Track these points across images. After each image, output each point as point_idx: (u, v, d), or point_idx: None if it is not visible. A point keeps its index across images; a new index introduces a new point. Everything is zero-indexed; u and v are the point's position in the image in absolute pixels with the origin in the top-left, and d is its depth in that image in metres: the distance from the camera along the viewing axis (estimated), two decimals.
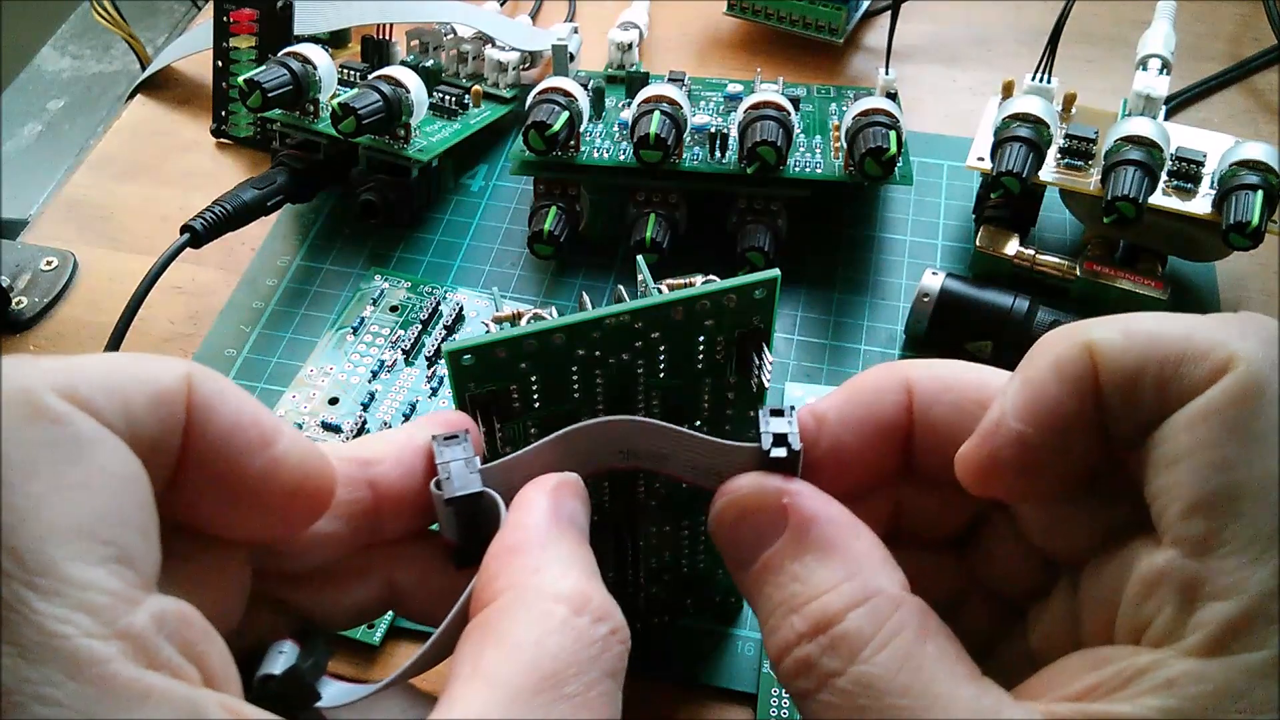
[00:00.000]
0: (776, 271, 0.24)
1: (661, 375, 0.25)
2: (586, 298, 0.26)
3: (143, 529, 0.17)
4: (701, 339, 0.25)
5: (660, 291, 0.25)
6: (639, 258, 0.27)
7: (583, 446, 0.23)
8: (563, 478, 0.23)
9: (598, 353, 0.24)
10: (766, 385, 0.26)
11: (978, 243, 0.43)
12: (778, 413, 0.23)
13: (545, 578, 0.20)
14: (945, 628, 0.20)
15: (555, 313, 0.25)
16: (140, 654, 0.16)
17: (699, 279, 0.25)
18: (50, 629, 0.15)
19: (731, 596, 0.34)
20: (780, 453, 0.22)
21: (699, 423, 0.27)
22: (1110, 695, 0.18)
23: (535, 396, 0.25)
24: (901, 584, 0.20)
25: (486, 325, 0.25)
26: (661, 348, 0.25)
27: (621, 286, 0.26)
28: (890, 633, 0.19)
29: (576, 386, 0.25)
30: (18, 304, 0.44)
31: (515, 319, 0.24)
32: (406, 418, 0.39)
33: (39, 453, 0.16)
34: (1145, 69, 0.45)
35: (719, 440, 0.23)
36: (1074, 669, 0.19)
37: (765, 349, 0.25)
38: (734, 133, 0.43)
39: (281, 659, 0.21)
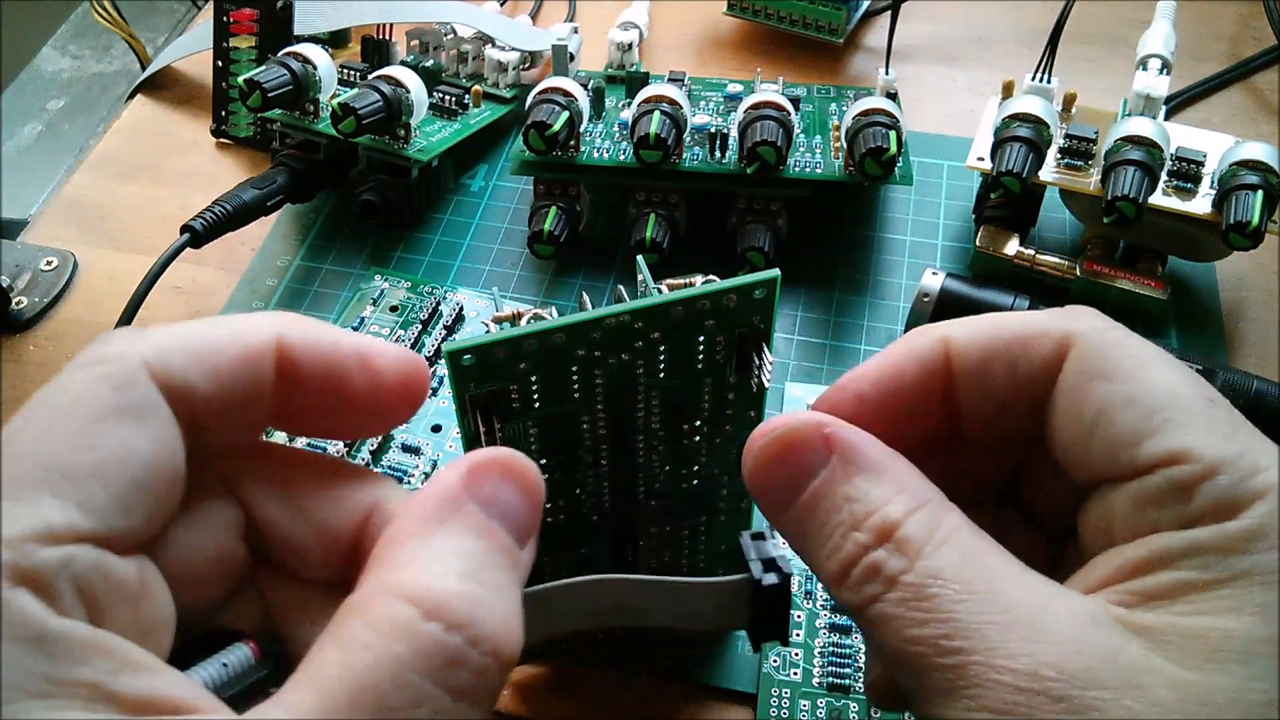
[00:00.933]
0: (776, 271, 0.24)
1: (661, 375, 0.25)
2: (586, 298, 0.26)
3: (124, 497, 0.18)
4: (701, 339, 0.25)
5: (660, 291, 0.25)
6: (639, 258, 0.27)
7: (558, 605, 0.22)
8: (493, 455, 0.20)
9: (597, 353, 0.24)
10: (766, 385, 0.26)
11: (978, 243, 0.43)
12: (759, 536, 0.23)
13: (407, 573, 0.18)
14: (992, 539, 0.21)
15: (555, 313, 0.25)
16: (27, 578, 0.17)
17: (699, 279, 0.25)
18: None
19: None
20: (772, 579, 0.22)
21: (698, 422, 0.27)
22: (1137, 575, 0.20)
23: (535, 396, 0.25)
24: (939, 494, 0.22)
25: (486, 325, 0.25)
26: (661, 348, 0.25)
27: (621, 287, 0.26)
28: (948, 530, 0.20)
29: (576, 386, 0.25)
30: (18, 304, 0.44)
31: (515, 319, 0.24)
32: None
33: (84, 405, 0.19)
34: (1145, 69, 0.45)
35: (707, 580, 0.23)
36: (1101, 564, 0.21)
37: (765, 349, 0.25)
38: (734, 133, 0.43)
39: (226, 664, 0.20)
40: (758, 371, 0.26)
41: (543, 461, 0.26)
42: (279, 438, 0.34)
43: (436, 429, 0.39)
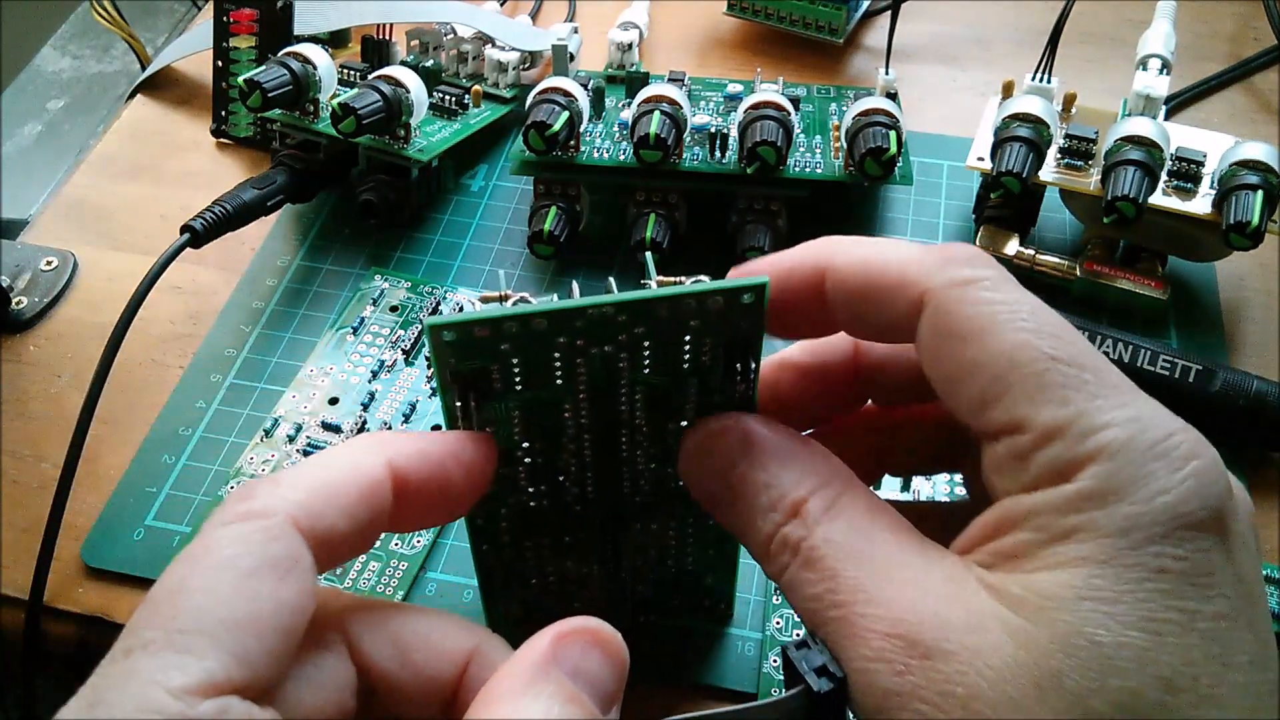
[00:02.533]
0: (765, 278, 0.24)
1: (646, 371, 0.25)
2: (576, 286, 0.26)
3: (271, 648, 0.20)
4: (688, 339, 0.25)
5: (650, 288, 0.24)
6: (647, 255, 0.27)
7: None
8: (582, 625, 0.22)
9: (580, 341, 0.24)
10: (751, 396, 0.26)
11: (978, 243, 0.43)
12: (803, 645, 0.23)
13: None
14: (893, 510, 0.23)
15: (557, 299, 0.25)
16: None
17: (704, 279, 0.25)
18: (141, 676, 0.19)
19: (722, 603, 0.33)
20: (827, 684, 0.22)
21: (685, 423, 0.27)
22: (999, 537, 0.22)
23: (517, 379, 0.25)
24: (847, 473, 0.24)
25: (473, 303, 0.25)
26: (646, 343, 0.25)
27: (612, 279, 0.26)
28: (844, 503, 0.23)
29: (559, 374, 0.25)
30: (18, 304, 0.44)
31: (503, 300, 0.24)
32: (406, 418, 0.39)
33: (241, 559, 0.20)
34: (1145, 69, 0.45)
35: (768, 701, 0.23)
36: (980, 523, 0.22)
37: (751, 358, 0.25)
38: (734, 133, 0.43)
39: None
40: (740, 381, 0.25)
41: (525, 445, 0.26)
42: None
43: (437, 429, 0.39)
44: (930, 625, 0.20)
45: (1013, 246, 0.43)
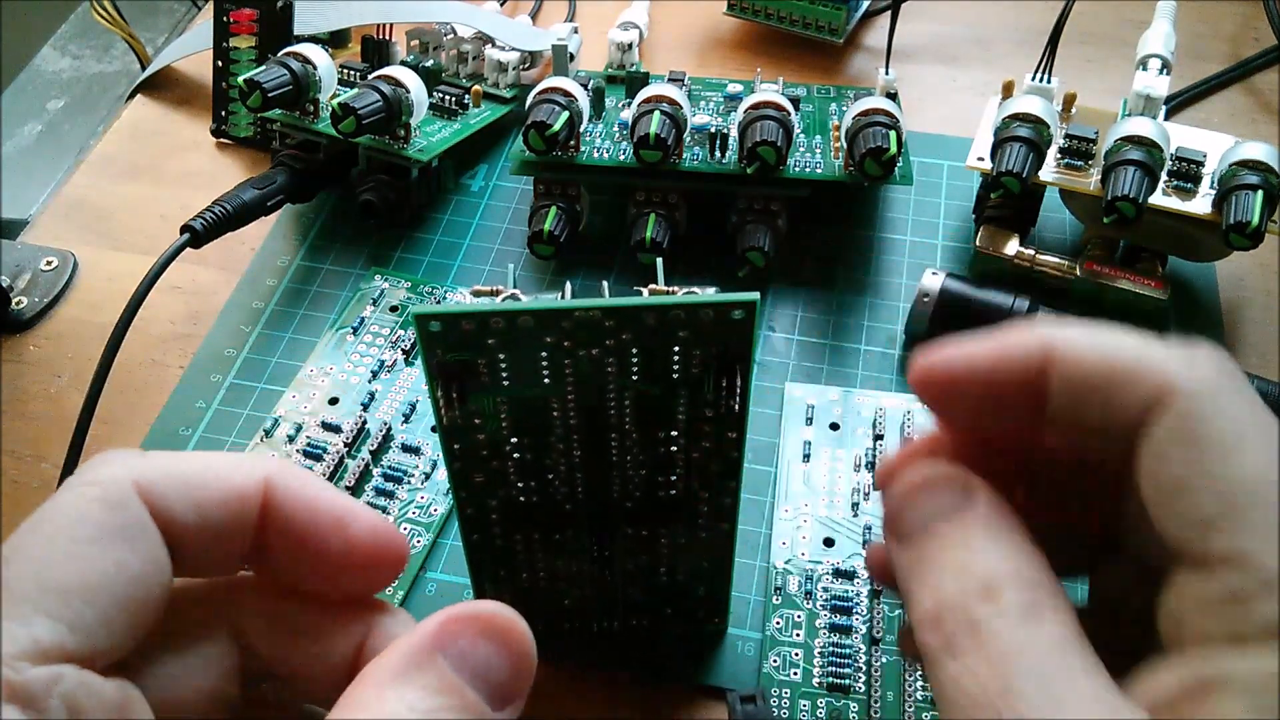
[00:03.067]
0: (755, 295, 0.24)
1: (635, 378, 0.25)
2: (569, 288, 0.26)
3: (109, 617, 0.19)
4: (677, 349, 0.24)
5: (642, 294, 0.24)
6: (658, 260, 0.27)
7: None
8: (473, 609, 0.20)
9: (567, 343, 0.24)
10: (742, 414, 0.26)
11: (978, 243, 0.43)
12: (750, 699, 0.23)
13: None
14: (1077, 623, 0.20)
15: (547, 299, 0.25)
16: (18, 695, 0.18)
17: (710, 290, 0.25)
18: None
19: (716, 616, 0.33)
20: None
21: (674, 433, 0.27)
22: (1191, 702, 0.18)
23: (504, 375, 0.25)
24: (1058, 585, 0.21)
25: (465, 297, 0.25)
26: (634, 350, 0.24)
27: (606, 283, 0.26)
28: (1048, 612, 0.20)
29: (546, 373, 0.25)
30: (18, 304, 0.44)
31: (494, 295, 0.24)
32: (406, 418, 0.39)
33: (78, 525, 0.20)
34: (1145, 69, 0.45)
35: None
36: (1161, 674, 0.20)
37: (740, 374, 0.25)
38: (734, 133, 0.43)
39: None
40: (725, 397, 0.25)
41: (513, 440, 0.26)
42: None
43: (436, 429, 0.39)
44: None
45: (1013, 246, 0.43)
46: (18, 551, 0.19)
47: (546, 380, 0.25)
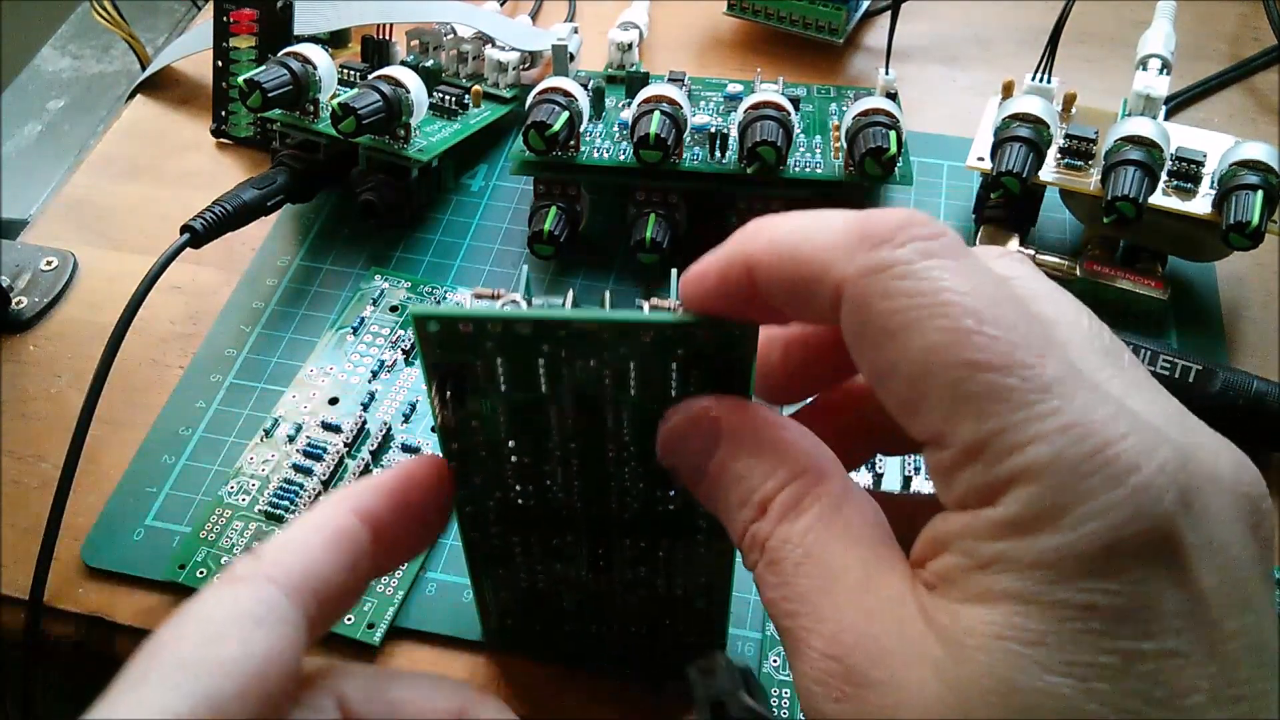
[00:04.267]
0: (756, 324, 0.23)
1: (631, 392, 0.25)
2: (571, 295, 0.26)
3: (240, 689, 0.21)
4: (675, 367, 0.24)
5: (644, 309, 0.24)
6: (673, 271, 0.27)
7: None
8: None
9: (564, 353, 0.24)
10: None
11: (978, 243, 0.43)
12: (710, 672, 0.23)
13: None
14: (867, 502, 0.22)
15: (548, 305, 0.25)
16: None
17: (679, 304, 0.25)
18: (109, 711, 0.20)
19: (714, 629, 0.33)
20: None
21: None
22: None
23: (501, 379, 0.25)
24: (823, 465, 0.22)
25: (466, 298, 0.25)
26: (631, 363, 0.24)
27: (608, 292, 0.26)
28: (811, 499, 0.21)
29: (543, 380, 0.25)
30: (18, 304, 0.44)
31: (495, 298, 0.24)
32: (406, 418, 0.39)
33: (215, 613, 0.22)
34: (1145, 69, 0.45)
35: None
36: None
37: (740, 391, 0.24)
38: (734, 133, 0.43)
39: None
40: None
41: (511, 443, 0.26)
42: None
43: (435, 429, 0.39)
44: (867, 651, 0.19)
45: (1013, 246, 0.43)
46: (160, 635, 0.22)
47: (543, 388, 0.25)
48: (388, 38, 0.49)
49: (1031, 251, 0.43)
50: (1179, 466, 0.18)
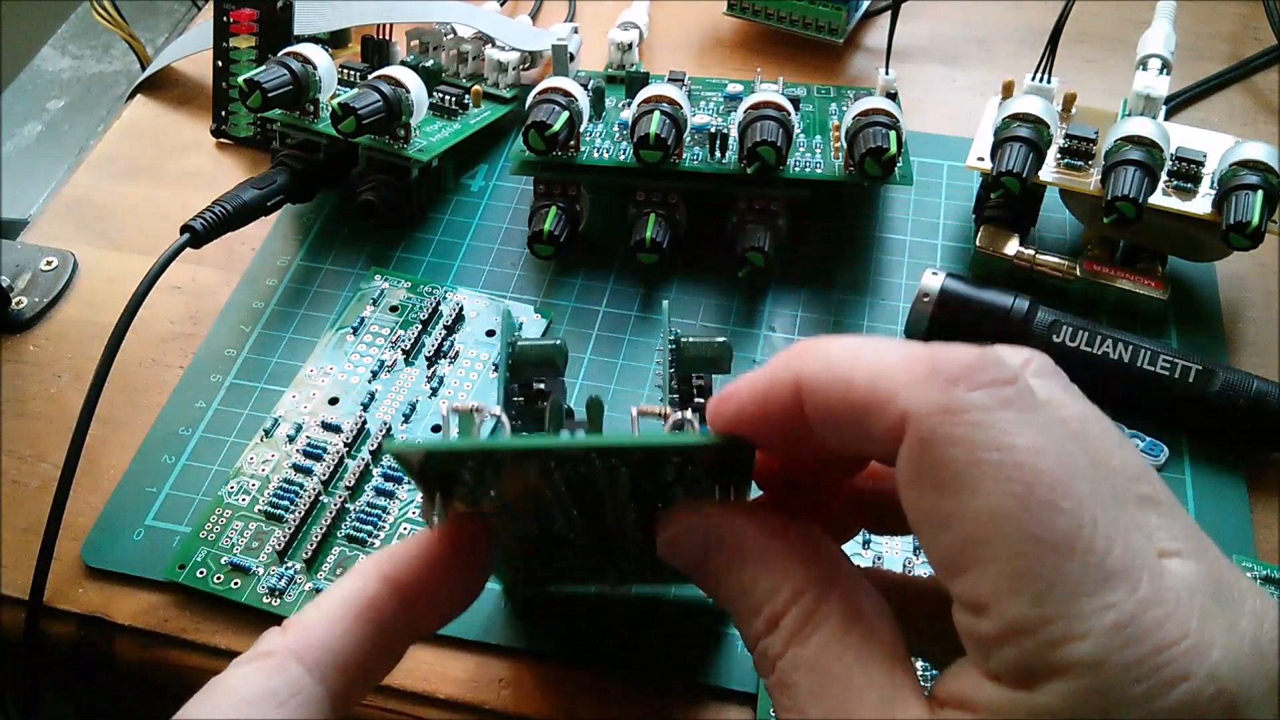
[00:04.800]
0: (753, 444, 0.23)
1: (628, 494, 0.25)
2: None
3: None
4: (671, 468, 0.24)
5: (631, 414, 0.24)
6: (664, 303, 0.27)
7: None
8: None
9: (552, 463, 0.24)
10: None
11: (978, 243, 0.43)
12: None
13: None
14: (877, 611, 0.21)
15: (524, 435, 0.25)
16: None
17: (674, 414, 0.24)
18: None
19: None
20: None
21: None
22: None
23: (489, 485, 0.25)
24: (829, 572, 0.22)
25: (443, 409, 0.25)
26: (624, 469, 0.24)
27: (593, 397, 0.26)
28: (819, 620, 0.21)
29: (531, 480, 0.25)
30: (18, 304, 0.44)
31: (475, 413, 0.25)
32: (406, 418, 0.39)
33: (241, 690, 0.23)
34: (1145, 69, 0.45)
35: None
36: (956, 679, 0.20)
37: (739, 487, 0.24)
38: (734, 133, 0.43)
39: None
40: (725, 495, 0.25)
41: (509, 508, 0.26)
42: None
43: (437, 429, 0.39)
44: None
45: (1013, 246, 0.43)
46: (188, 714, 0.22)
47: (535, 489, 0.25)
48: (388, 38, 0.49)
49: (1032, 251, 0.43)
50: (1232, 675, 0.17)
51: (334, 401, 0.40)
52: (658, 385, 0.31)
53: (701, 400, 0.31)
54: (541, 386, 0.31)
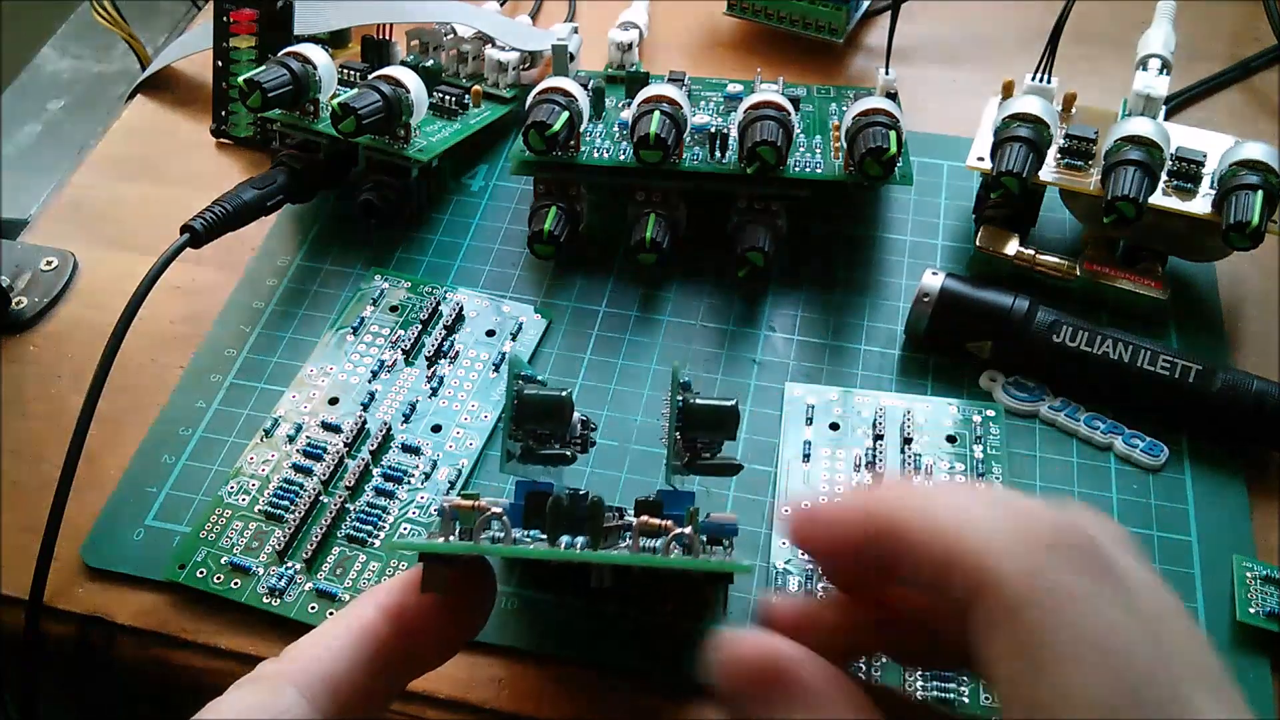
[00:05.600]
0: (748, 565, 0.25)
1: (617, 582, 0.27)
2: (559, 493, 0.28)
3: None
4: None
5: (632, 523, 0.26)
6: (674, 365, 0.28)
7: None
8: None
9: (548, 560, 0.26)
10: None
11: (978, 243, 0.43)
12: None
13: None
14: None
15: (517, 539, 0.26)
16: None
17: (675, 529, 0.26)
18: None
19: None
20: None
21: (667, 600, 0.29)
22: None
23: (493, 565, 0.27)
24: (860, 711, 0.22)
25: (443, 505, 0.27)
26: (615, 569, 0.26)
27: (582, 487, 0.27)
28: None
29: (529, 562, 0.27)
30: (18, 304, 0.44)
31: (475, 510, 0.26)
32: (406, 418, 0.39)
33: (233, 712, 0.23)
34: (1145, 69, 0.45)
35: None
36: None
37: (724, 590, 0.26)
38: (734, 133, 0.43)
39: None
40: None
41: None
42: None
43: (436, 429, 0.39)
44: None
45: (1013, 246, 0.43)
46: None
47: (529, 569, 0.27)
48: (388, 38, 0.49)
49: (1032, 251, 0.43)
50: None
51: (334, 401, 0.40)
52: (662, 440, 0.32)
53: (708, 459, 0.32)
54: (546, 431, 0.32)
